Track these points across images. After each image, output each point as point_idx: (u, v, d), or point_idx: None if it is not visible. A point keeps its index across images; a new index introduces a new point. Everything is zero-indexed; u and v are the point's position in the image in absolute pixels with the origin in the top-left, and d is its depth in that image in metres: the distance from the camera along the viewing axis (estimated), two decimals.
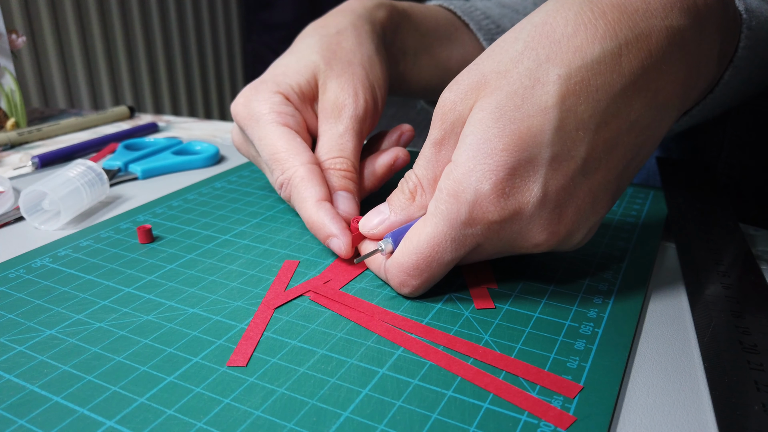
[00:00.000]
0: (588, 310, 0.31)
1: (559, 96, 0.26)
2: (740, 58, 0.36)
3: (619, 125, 0.27)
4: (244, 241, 0.38)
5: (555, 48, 0.27)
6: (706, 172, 0.48)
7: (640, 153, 0.29)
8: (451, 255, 0.29)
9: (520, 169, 0.27)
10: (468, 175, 0.28)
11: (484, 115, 0.28)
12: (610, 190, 0.29)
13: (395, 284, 0.31)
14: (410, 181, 0.32)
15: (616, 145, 0.28)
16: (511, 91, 0.27)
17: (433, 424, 0.23)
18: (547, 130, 0.26)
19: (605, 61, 0.27)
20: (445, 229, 0.29)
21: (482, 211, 0.28)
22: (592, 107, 0.27)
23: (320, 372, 0.26)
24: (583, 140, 0.27)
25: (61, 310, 0.31)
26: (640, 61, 0.27)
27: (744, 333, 0.28)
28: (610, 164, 0.28)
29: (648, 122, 0.28)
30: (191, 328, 0.29)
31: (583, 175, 0.28)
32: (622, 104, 0.27)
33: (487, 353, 0.27)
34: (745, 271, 0.33)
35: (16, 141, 0.62)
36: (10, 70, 0.66)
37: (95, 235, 0.40)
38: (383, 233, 0.32)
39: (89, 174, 0.44)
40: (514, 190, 0.27)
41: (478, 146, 0.27)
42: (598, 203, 0.29)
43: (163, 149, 0.57)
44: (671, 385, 0.26)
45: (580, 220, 0.29)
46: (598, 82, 0.27)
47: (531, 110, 0.27)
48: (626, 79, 0.27)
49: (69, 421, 0.23)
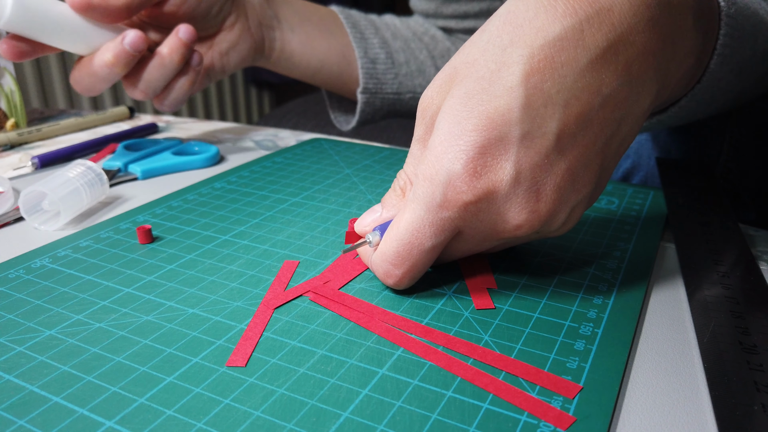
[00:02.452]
0: (588, 311, 0.31)
1: (524, 74, 0.27)
2: (723, 45, 0.36)
3: (590, 100, 0.28)
4: (244, 242, 0.38)
5: (518, 32, 0.28)
6: (706, 172, 0.48)
7: (620, 129, 0.29)
8: (431, 240, 0.29)
9: (491, 148, 0.27)
10: (440, 158, 0.28)
11: (454, 101, 0.28)
12: (591, 168, 0.29)
13: (380, 275, 0.31)
14: (400, 179, 0.33)
15: (591, 121, 0.28)
16: (478, 76, 0.28)
17: (433, 424, 0.23)
18: (514, 108, 0.27)
19: (567, 37, 0.27)
20: (422, 213, 0.29)
21: (456, 192, 0.28)
22: (558, 83, 0.27)
23: (320, 372, 0.26)
24: (553, 116, 0.27)
25: (60, 310, 0.31)
26: (603, 34, 0.27)
27: (744, 333, 0.28)
28: (587, 140, 0.28)
29: (623, 97, 0.28)
30: (191, 329, 0.29)
31: (559, 153, 0.28)
32: (591, 78, 0.27)
33: (486, 353, 0.27)
34: (744, 272, 0.33)
35: (16, 141, 0.62)
36: (10, 71, 0.66)
37: (95, 235, 0.40)
38: None
39: (89, 174, 0.44)
40: (486, 169, 0.28)
41: (449, 129, 0.28)
42: (579, 181, 0.29)
43: (163, 150, 0.57)
44: (671, 385, 0.26)
45: (561, 199, 0.29)
46: (562, 58, 0.27)
47: (498, 91, 0.27)
48: (591, 53, 0.27)
49: (69, 421, 0.23)
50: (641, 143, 0.59)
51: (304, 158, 0.55)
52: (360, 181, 0.49)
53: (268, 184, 0.49)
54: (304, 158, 0.55)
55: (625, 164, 0.60)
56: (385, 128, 1.40)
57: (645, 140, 0.59)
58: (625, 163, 0.60)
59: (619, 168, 0.61)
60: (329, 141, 0.61)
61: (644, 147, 0.59)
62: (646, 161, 0.59)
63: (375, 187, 0.48)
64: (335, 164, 0.54)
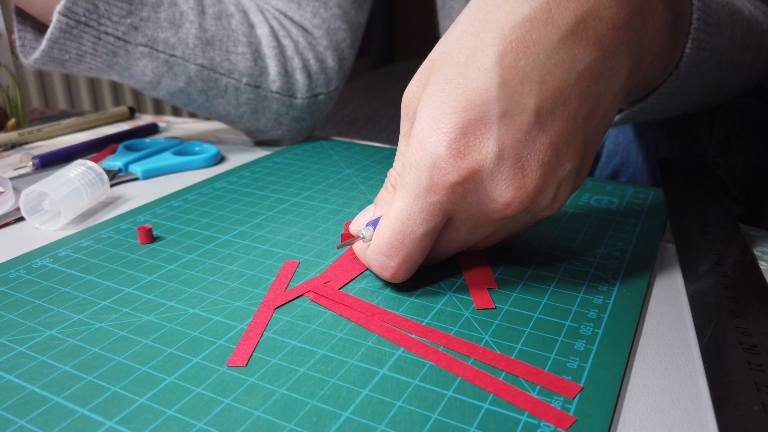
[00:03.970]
0: (588, 311, 0.31)
1: (498, 55, 0.28)
2: (697, 29, 0.37)
3: (565, 75, 0.28)
4: (245, 242, 0.38)
5: (488, 17, 0.29)
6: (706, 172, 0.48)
7: (599, 104, 0.30)
8: (422, 227, 0.30)
9: (472, 128, 0.28)
10: (423, 143, 0.29)
11: (432, 89, 0.29)
12: (575, 142, 0.29)
13: (376, 269, 0.32)
14: (391, 176, 0.33)
15: (568, 95, 0.28)
16: (454, 62, 0.29)
17: (434, 424, 0.23)
18: (491, 87, 0.28)
19: (536, 16, 0.28)
20: (411, 200, 0.29)
21: (441, 174, 0.28)
22: (532, 60, 0.28)
23: (320, 372, 0.26)
24: (530, 93, 0.28)
25: (61, 310, 0.31)
26: (571, 11, 0.28)
27: (744, 333, 0.28)
28: (566, 115, 0.29)
29: (598, 71, 0.29)
30: (191, 329, 0.29)
31: (540, 128, 0.28)
32: (564, 54, 0.28)
33: (487, 353, 0.27)
34: (745, 272, 0.33)
35: (17, 141, 0.62)
36: (11, 70, 0.66)
37: (95, 235, 0.40)
38: None
39: (89, 174, 0.44)
40: (469, 149, 0.28)
41: (429, 115, 0.29)
42: (563, 156, 0.29)
43: (164, 150, 0.57)
44: (671, 385, 0.26)
45: (546, 173, 0.29)
46: (533, 36, 0.28)
47: (474, 74, 0.28)
48: (561, 30, 0.28)
49: (69, 421, 0.23)
50: (629, 141, 0.60)
51: (304, 158, 0.56)
52: (360, 181, 0.49)
53: (269, 184, 0.49)
54: (305, 158, 0.56)
55: (614, 161, 0.61)
56: (385, 128, 1.40)
57: (633, 138, 0.59)
58: (614, 160, 0.61)
59: (608, 165, 0.61)
60: (329, 141, 0.61)
61: (632, 144, 0.59)
62: (635, 158, 0.59)
63: (375, 187, 0.48)
64: (335, 164, 0.54)
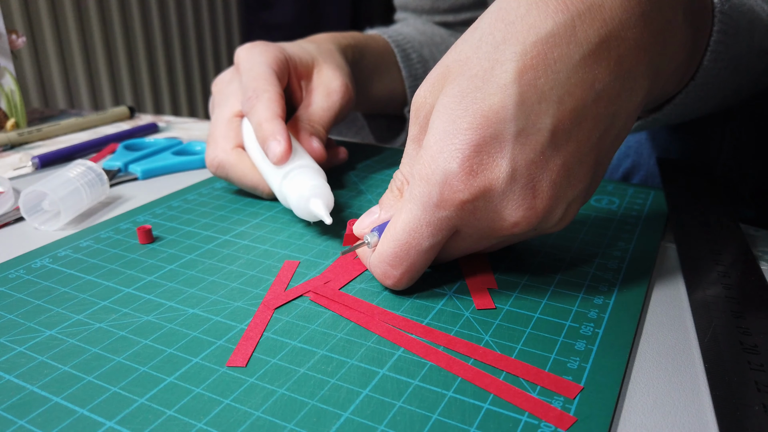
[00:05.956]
0: (588, 311, 0.31)
1: (517, 72, 0.27)
2: (717, 41, 0.36)
3: (584, 95, 0.28)
4: (244, 242, 0.38)
5: (510, 29, 0.28)
6: (707, 172, 0.48)
7: (614, 124, 0.29)
8: (428, 241, 0.29)
9: (486, 146, 0.28)
10: (436, 157, 0.28)
11: (448, 100, 0.28)
12: (587, 163, 0.29)
13: (378, 276, 0.31)
14: (397, 179, 0.33)
15: (585, 116, 0.28)
16: (471, 74, 0.28)
17: (434, 424, 0.23)
18: (509, 105, 0.27)
19: (559, 33, 0.27)
20: (419, 213, 0.29)
21: (452, 191, 0.28)
22: (552, 79, 0.27)
23: (320, 372, 0.26)
24: (547, 112, 0.27)
25: (61, 310, 0.31)
26: (595, 30, 0.28)
27: (744, 333, 0.28)
28: (581, 136, 0.28)
29: (616, 92, 0.28)
30: (191, 329, 0.29)
31: (554, 148, 0.28)
32: (584, 74, 0.28)
33: (487, 354, 0.27)
34: (745, 272, 0.33)
35: (16, 141, 0.62)
36: (10, 71, 0.66)
37: (95, 235, 0.40)
38: None
39: (89, 174, 0.44)
40: (482, 167, 0.28)
41: (444, 128, 0.28)
42: (574, 176, 0.29)
43: (163, 150, 0.57)
44: (672, 385, 0.26)
45: (556, 194, 0.29)
46: (555, 54, 0.27)
47: (492, 89, 0.27)
48: (583, 49, 0.27)
49: (69, 421, 0.23)
50: (641, 143, 0.59)
51: None
52: (360, 181, 0.49)
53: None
54: None
55: (625, 164, 0.60)
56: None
57: (645, 140, 0.59)
58: (625, 162, 0.60)
59: (619, 167, 0.61)
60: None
61: (644, 146, 0.59)
62: (647, 161, 0.59)
63: (375, 187, 0.48)
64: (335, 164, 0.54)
